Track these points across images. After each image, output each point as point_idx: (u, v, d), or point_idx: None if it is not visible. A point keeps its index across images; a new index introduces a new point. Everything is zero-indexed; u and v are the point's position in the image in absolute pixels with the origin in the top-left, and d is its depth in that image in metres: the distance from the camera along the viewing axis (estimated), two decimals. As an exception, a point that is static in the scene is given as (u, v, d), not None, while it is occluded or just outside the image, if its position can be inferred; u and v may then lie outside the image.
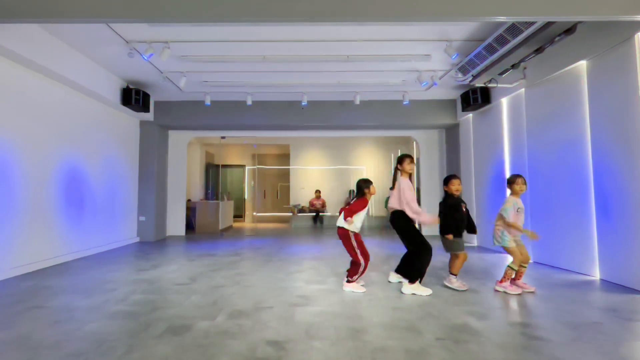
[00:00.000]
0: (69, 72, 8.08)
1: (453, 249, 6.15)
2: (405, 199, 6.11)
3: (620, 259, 6.27)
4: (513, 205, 5.86)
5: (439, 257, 6.52)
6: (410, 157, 6.43)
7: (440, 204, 6.47)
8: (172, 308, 5.05)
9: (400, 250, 9.89)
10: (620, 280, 6.28)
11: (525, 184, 5.97)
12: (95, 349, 3.69)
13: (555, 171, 7.81)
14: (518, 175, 6.05)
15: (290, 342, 3.90)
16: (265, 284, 6.44)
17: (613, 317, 4.68)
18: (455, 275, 6.19)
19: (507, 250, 5.90)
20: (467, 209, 6.32)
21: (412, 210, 6.06)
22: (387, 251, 9.92)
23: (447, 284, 6.22)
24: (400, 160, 6.38)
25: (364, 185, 6.25)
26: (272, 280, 6.71)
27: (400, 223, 6.24)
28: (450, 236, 6.07)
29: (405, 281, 6.11)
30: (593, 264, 6.89)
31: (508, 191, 6.12)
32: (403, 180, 6.25)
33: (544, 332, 4.20)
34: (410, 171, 6.36)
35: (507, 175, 9.36)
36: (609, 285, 6.30)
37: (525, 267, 5.92)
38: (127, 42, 7.89)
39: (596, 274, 6.80)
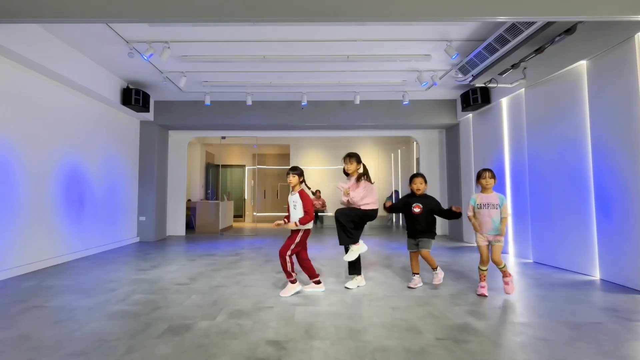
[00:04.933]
0: (69, 72, 8.09)
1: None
2: None
3: (620, 259, 6.26)
4: (471, 202, 5.86)
5: (437, 257, 6.50)
6: (346, 156, 6.38)
7: None
8: (173, 308, 5.05)
9: (400, 250, 9.93)
10: (620, 280, 6.26)
11: (491, 177, 5.79)
12: (95, 349, 3.69)
13: (555, 171, 7.79)
14: (483, 170, 5.88)
15: (291, 342, 3.89)
16: (265, 283, 6.44)
17: (613, 317, 4.67)
18: (413, 274, 6.33)
19: (478, 248, 5.87)
20: (429, 210, 6.16)
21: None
22: (388, 251, 9.94)
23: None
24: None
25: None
26: (272, 280, 6.71)
27: None
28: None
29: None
30: (593, 264, 6.87)
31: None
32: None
33: (544, 332, 4.19)
34: (347, 170, 6.38)
35: (507, 175, 9.44)
36: (609, 285, 6.28)
37: (500, 268, 5.65)
38: (127, 42, 7.89)
39: (596, 274, 6.79)
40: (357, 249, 6.08)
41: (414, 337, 4.03)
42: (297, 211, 5.88)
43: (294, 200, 5.93)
